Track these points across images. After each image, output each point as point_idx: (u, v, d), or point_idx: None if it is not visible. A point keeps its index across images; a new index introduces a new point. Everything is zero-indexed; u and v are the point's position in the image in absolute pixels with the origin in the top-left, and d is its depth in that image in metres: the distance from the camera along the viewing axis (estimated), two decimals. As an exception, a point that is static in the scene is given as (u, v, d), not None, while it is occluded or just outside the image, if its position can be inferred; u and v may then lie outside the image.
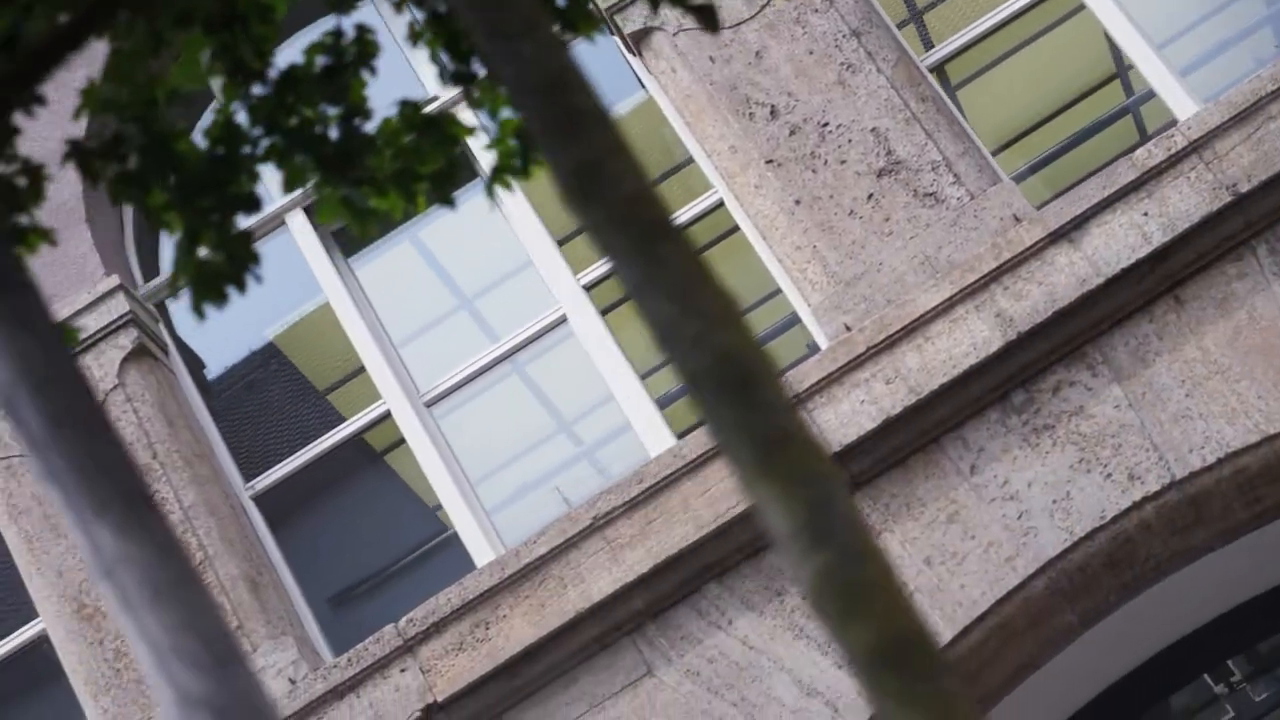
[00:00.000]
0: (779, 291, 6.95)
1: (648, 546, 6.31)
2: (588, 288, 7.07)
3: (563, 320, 7.08)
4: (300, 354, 7.59)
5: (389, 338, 7.21)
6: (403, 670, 6.36)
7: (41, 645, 7.11)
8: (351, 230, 3.59)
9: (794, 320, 6.96)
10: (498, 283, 7.39)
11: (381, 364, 7.11)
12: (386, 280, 7.41)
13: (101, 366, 7.02)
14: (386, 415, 7.09)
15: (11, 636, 7.14)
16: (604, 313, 7.03)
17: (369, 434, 7.25)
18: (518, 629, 6.32)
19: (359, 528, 7.45)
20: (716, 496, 6.31)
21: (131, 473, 2.61)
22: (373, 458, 7.37)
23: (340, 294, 7.23)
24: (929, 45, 7.27)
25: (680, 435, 6.77)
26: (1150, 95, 7.02)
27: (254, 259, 3.38)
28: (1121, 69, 7.48)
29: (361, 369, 7.28)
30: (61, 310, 7.08)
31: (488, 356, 7.11)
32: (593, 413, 7.28)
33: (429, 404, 7.07)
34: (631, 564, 6.31)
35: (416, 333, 7.36)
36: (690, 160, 7.16)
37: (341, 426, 7.14)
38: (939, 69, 7.14)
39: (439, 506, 7.02)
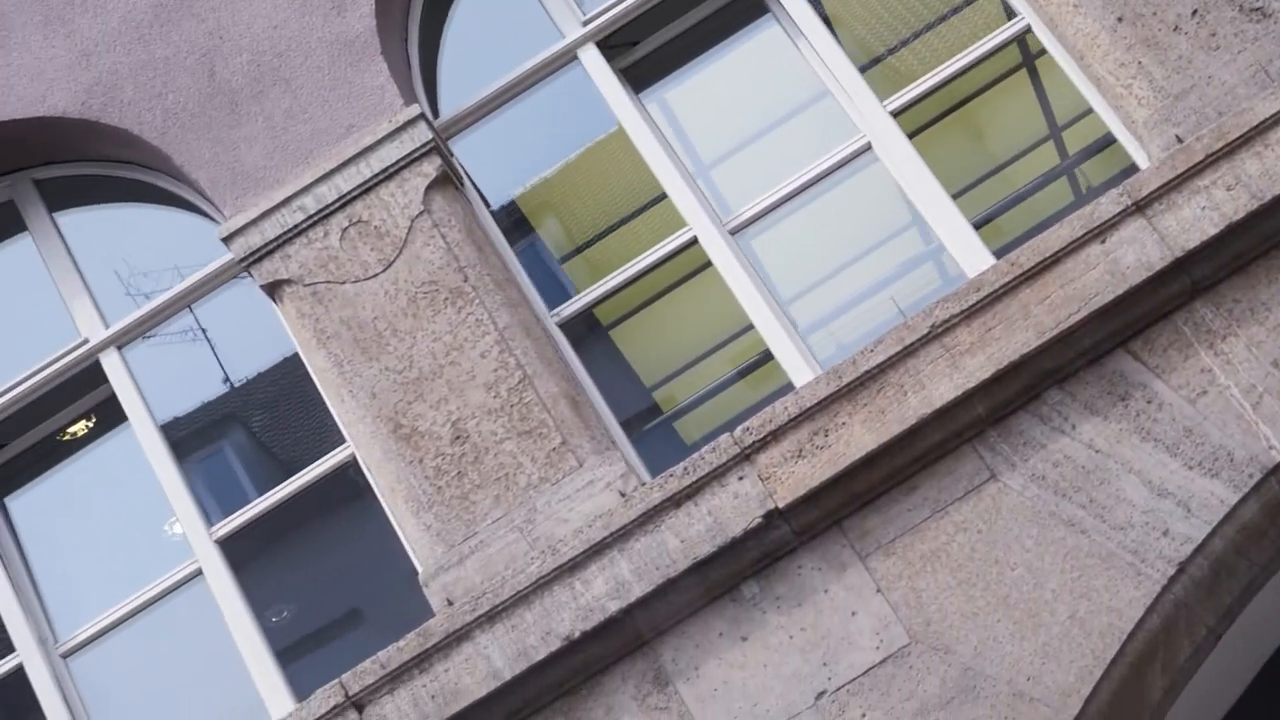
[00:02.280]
0: (1089, 112, 6.95)
1: (988, 353, 6.30)
2: (895, 114, 7.06)
3: (866, 148, 7.07)
4: (588, 186, 7.57)
5: (689, 166, 7.20)
6: (741, 478, 6.34)
7: (345, 470, 7.11)
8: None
9: (1107, 141, 6.95)
10: (794, 113, 7.37)
11: (684, 191, 7.10)
12: (681, 112, 7.40)
13: (406, 194, 7.02)
14: (693, 242, 7.08)
15: (313, 465, 7.12)
16: (910, 137, 7.03)
17: (661, 268, 7.22)
18: (858, 436, 6.31)
19: (656, 354, 7.44)
20: (1057, 303, 6.29)
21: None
22: (669, 286, 7.35)
23: (637, 123, 7.22)
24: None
25: (997, 253, 6.77)
26: None
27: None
28: None
29: (650, 203, 7.29)
30: (363, 139, 7.08)
31: (790, 185, 7.09)
32: (897, 238, 7.27)
33: (733, 231, 7.06)
34: (972, 370, 6.29)
35: (715, 162, 7.35)
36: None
37: (645, 254, 7.12)
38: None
39: (743, 331, 7.03)
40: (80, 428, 7.67)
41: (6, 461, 7.56)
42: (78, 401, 7.53)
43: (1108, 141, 6.99)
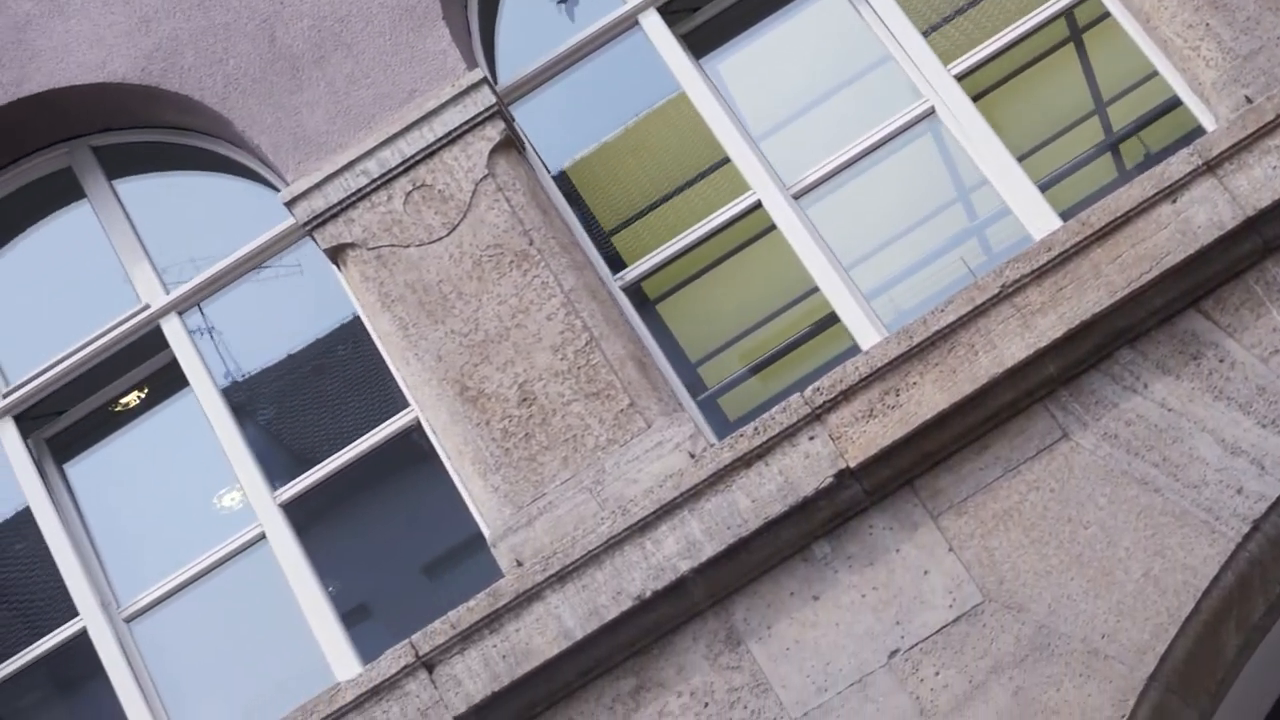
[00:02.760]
0: (1154, 74, 6.95)
1: (1059, 313, 6.30)
2: (959, 77, 7.06)
3: (930, 113, 7.07)
4: (648, 152, 7.57)
5: (751, 130, 7.20)
6: (811, 438, 6.34)
7: (409, 434, 7.11)
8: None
9: (1173, 103, 6.95)
10: (856, 77, 7.37)
11: (748, 155, 7.10)
12: (742, 78, 7.40)
13: (470, 158, 7.02)
14: (756, 206, 7.08)
15: (377, 429, 7.12)
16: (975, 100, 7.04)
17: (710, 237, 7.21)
18: (929, 395, 6.31)
19: (714, 320, 7.44)
20: (1128, 262, 6.30)
21: None
22: (735, 250, 7.35)
23: (699, 88, 7.22)
24: None
25: (1063, 215, 6.78)
26: None
27: None
28: None
29: (709, 170, 7.29)
30: (425, 104, 7.08)
31: (853, 150, 7.09)
32: (958, 202, 7.28)
33: (797, 196, 7.06)
34: (1043, 330, 6.29)
35: (777, 127, 7.35)
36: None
37: (709, 218, 7.12)
38: None
39: (807, 293, 7.04)
40: (132, 398, 7.66)
41: (66, 428, 7.55)
42: (137, 368, 7.52)
43: (1162, 111, 6.99)
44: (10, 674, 7.14)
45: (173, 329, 7.41)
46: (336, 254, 7.07)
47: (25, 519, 7.43)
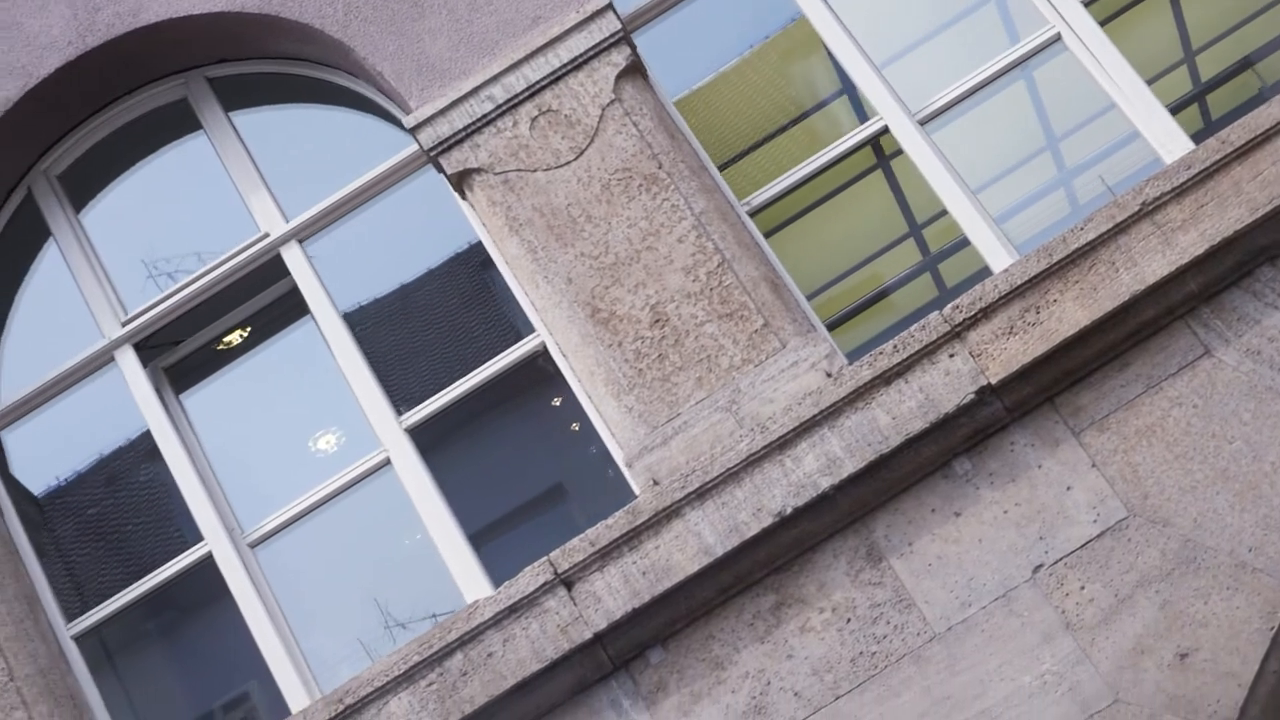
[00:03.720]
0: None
1: (1200, 230, 6.29)
2: (1086, 3, 7.06)
3: (1055, 39, 7.07)
4: (768, 80, 7.58)
5: (872, 57, 7.20)
6: (951, 355, 6.34)
7: (535, 359, 7.11)
8: None
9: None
10: (980, 5, 7.37)
11: (874, 81, 7.10)
12: (864, 5, 7.39)
13: (596, 84, 7.02)
14: (883, 131, 7.08)
15: (503, 354, 7.12)
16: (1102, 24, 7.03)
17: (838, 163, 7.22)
18: (1069, 312, 6.30)
19: (846, 240, 7.46)
20: (1270, 179, 6.29)
21: None
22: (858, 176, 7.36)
23: (823, 14, 7.22)
24: None
25: (1195, 138, 6.78)
26: None
27: None
28: None
29: (825, 101, 7.30)
30: (550, 30, 7.08)
31: (978, 76, 7.09)
32: (1085, 127, 7.28)
33: (923, 122, 7.06)
34: (1184, 247, 6.29)
35: (899, 54, 7.35)
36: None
37: (835, 144, 7.12)
38: None
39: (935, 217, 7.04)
40: (235, 337, 7.66)
41: (183, 359, 7.55)
42: (256, 297, 7.53)
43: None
44: (135, 599, 7.13)
45: (293, 256, 7.41)
46: (461, 180, 7.07)
47: (143, 445, 7.45)
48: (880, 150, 7.39)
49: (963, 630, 6.17)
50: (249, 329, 7.66)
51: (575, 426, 6.98)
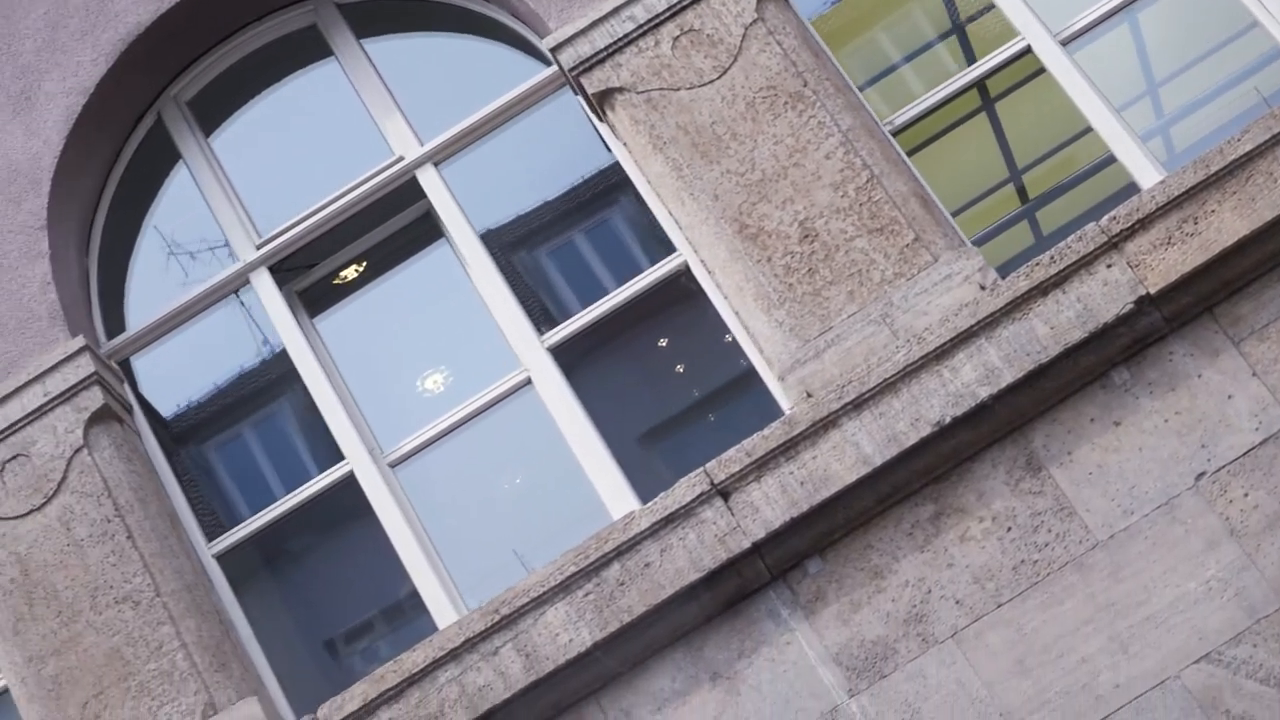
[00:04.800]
0: None
1: (1359, 140, 6.30)
2: (1228, -78, 7.09)
3: (1197, -41, 7.09)
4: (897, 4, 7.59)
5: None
6: (1109, 266, 6.34)
7: (678, 278, 7.12)
8: None
9: None
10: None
11: (1014, 1, 7.11)
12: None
13: (737, 3, 7.02)
14: (1026, 51, 7.08)
15: (646, 273, 7.13)
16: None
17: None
18: (1228, 222, 6.30)
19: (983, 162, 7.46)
20: None
21: None
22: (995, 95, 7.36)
23: (962, -62, 7.25)
24: None
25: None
26: None
27: None
28: None
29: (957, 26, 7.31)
30: (691, -50, 7.08)
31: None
32: (1233, 42, 7.29)
33: (1064, 42, 7.06)
34: (1343, 157, 6.30)
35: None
36: None
37: (980, 63, 7.12)
38: None
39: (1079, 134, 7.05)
40: (350, 272, 7.66)
41: (315, 283, 7.56)
42: (392, 219, 7.53)
43: None
44: (274, 519, 7.14)
45: (429, 179, 7.42)
46: (603, 100, 7.07)
47: (276, 368, 7.46)
48: (993, 90, 7.39)
49: (1125, 538, 6.17)
50: (364, 264, 7.66)
51: (727, 338, 6.97)
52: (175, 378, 7.54)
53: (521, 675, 6.32)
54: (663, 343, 7.25)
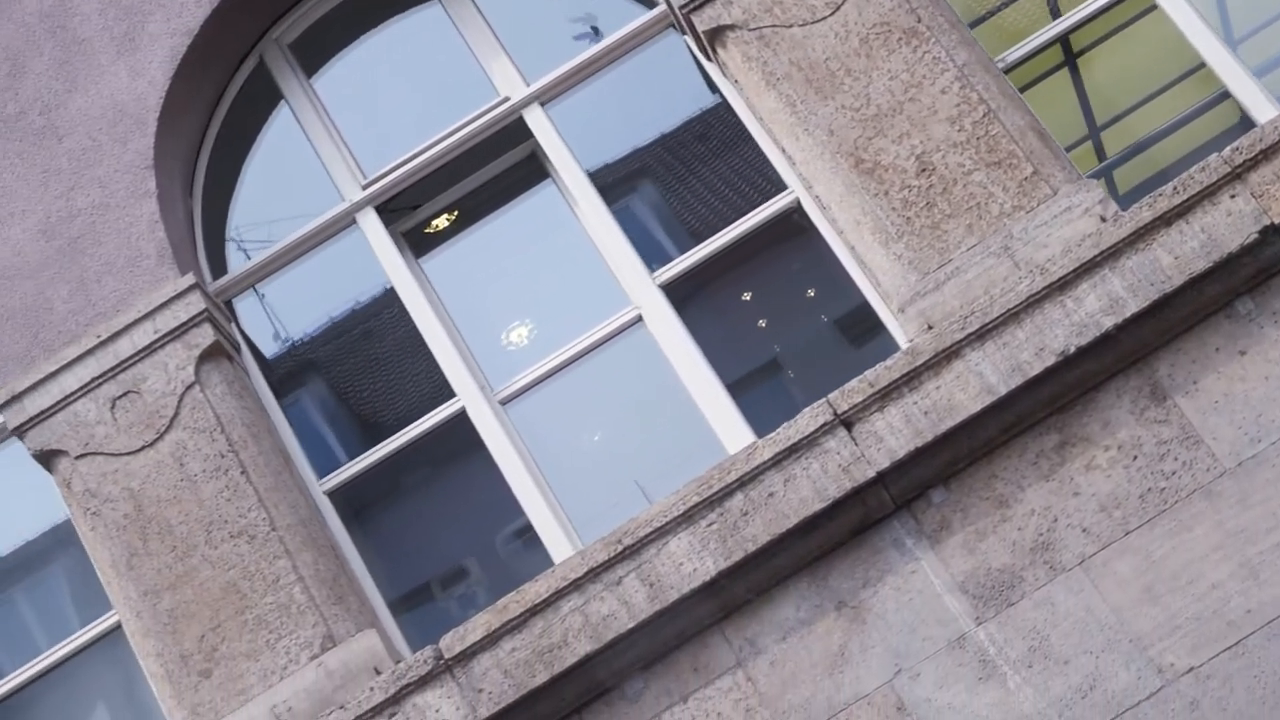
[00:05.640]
0: None
1: None
2: None
3: (1307, -103, 7.10)
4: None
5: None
6: (1233, 196, 6.35)
7: (790, 215, 7.13)
8: None
9: None
10: None
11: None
12: None
13: (849, -60, 7.03)
14: (1137, -13, 7.12)
15: (757, 210, 7.14)
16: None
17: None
18: (1352, 152, 6.32)
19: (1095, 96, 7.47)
20: None
21: None
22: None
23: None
24: None
25: None
26: None
27: None
28: None
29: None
30: (801, -112, 7.09)
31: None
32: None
33: (1175, -21, 7.08)
34: None
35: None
36: None
37: (1080, 7, 7.14)
38: None
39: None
40: (442, 221, 7.66)
41: (420, 223, 7.56)
42: (496, 160, 7.53)
43: None
44: (383, 457, 7.14)
45: (535, 119, 7.42)
46: (714, 37, 7.08)
47: (378, 307, 7.46)
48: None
49: (1253, 465, 6.17)
50: (462, 209, 7.65)
51: (839, 275, 6.98)
52: (278, 319, 7.54)
53: (645, 604, 6.33)
54: (772, 280, 7.24)
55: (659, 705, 6.36)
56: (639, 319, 7.12)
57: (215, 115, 7.71)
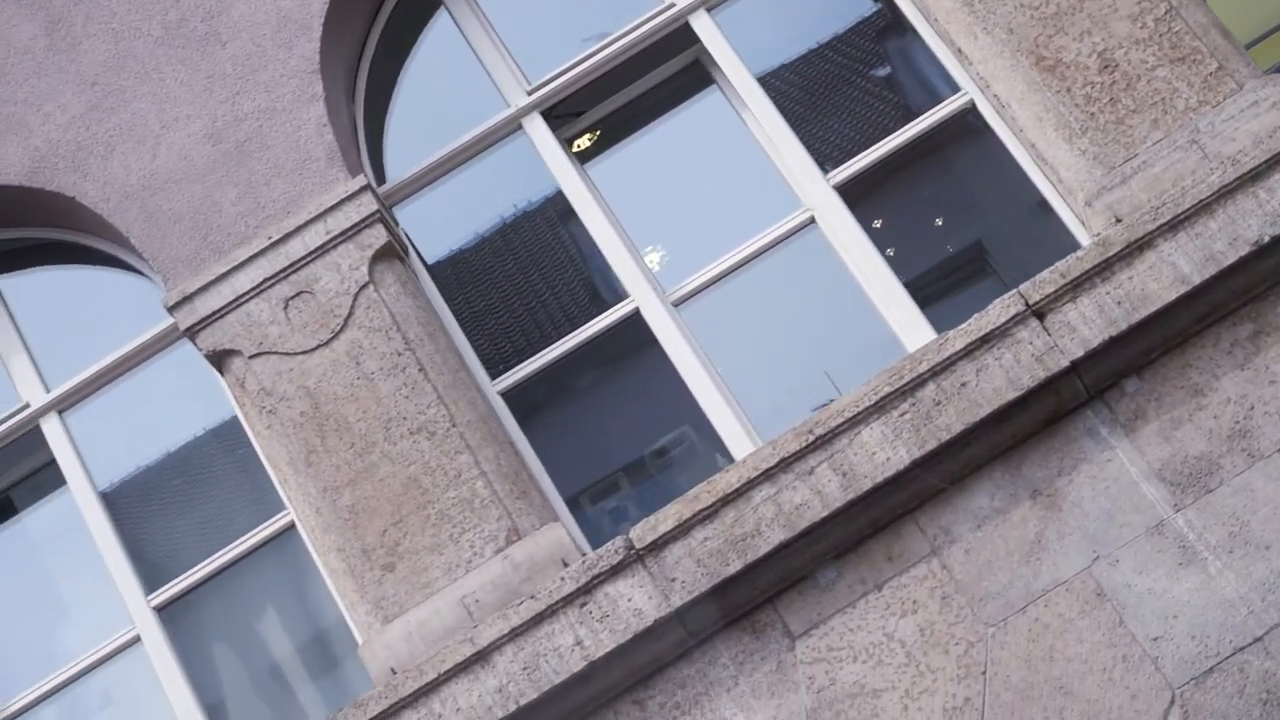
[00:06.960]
0: None
1: None
2: None
3: None
4: None
5: None
6: None
7: (964, 116, 7.13)
8: None
9: None
10: None
11: None
12: None
13: None
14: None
15: (929, 113, 7.15)
16: None
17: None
18: None
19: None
20: None
21: None
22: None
23: None
24: None
25: None
26: None
27: None
28: None
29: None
30: None
31: None
32: None
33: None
34: None
35: None
36: None
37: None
38: None
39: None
40: (585, 140, 7.66)
41: (584, 129, 7.57)
42: (659, 67, 7.54)
43: None
44: (556, 357, 7.15)
45: (702, 24, 7.44)
46: (887, -61, 7.10)
47: (544, 212, 7.47)
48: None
49: None
50: (599, 132, 7.66)
51: (1016, 172, 6.98)
52: (444, 223, 7.55)
53: (839, 493, 6.34)
54: (947, 177, 7.25)
55: (853, 594, 6.37)
56: (811, 220, 7.13)
57: (376, 21, 7.71)
